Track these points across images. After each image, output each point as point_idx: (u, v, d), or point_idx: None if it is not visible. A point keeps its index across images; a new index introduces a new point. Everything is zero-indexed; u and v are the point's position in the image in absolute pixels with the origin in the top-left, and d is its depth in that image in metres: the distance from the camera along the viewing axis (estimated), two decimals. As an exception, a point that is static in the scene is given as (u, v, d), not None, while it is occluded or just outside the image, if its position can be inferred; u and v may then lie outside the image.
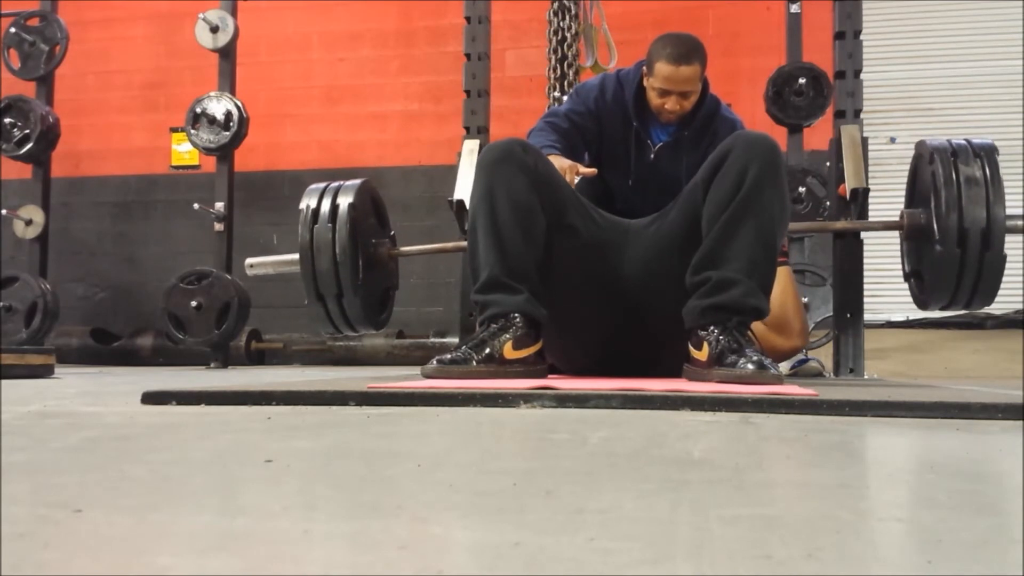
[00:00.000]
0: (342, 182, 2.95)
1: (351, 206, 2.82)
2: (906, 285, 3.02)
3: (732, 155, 1.92)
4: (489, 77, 3.67)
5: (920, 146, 2.78)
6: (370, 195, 2.99)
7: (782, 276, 2.69)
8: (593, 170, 2.45)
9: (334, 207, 2.82)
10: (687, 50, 2.35)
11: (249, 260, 3.20)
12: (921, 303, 2.88)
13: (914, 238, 2.81)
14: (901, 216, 2.83)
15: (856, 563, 0.45)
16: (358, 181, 2.95)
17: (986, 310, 5.26)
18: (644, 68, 2.45)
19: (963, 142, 2.67)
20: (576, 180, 2.40)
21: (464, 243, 2.92)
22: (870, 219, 3.32)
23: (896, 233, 2.98)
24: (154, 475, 0.74)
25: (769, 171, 1.88)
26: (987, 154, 2.62)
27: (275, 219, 6.05)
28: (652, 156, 2.50)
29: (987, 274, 2.58)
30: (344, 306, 2.84)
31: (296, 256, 2.91)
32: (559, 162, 2.45)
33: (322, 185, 2.94)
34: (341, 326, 2.93)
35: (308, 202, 2.88)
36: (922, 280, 2.81)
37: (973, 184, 2.55)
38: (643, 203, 2.36)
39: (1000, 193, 2.56)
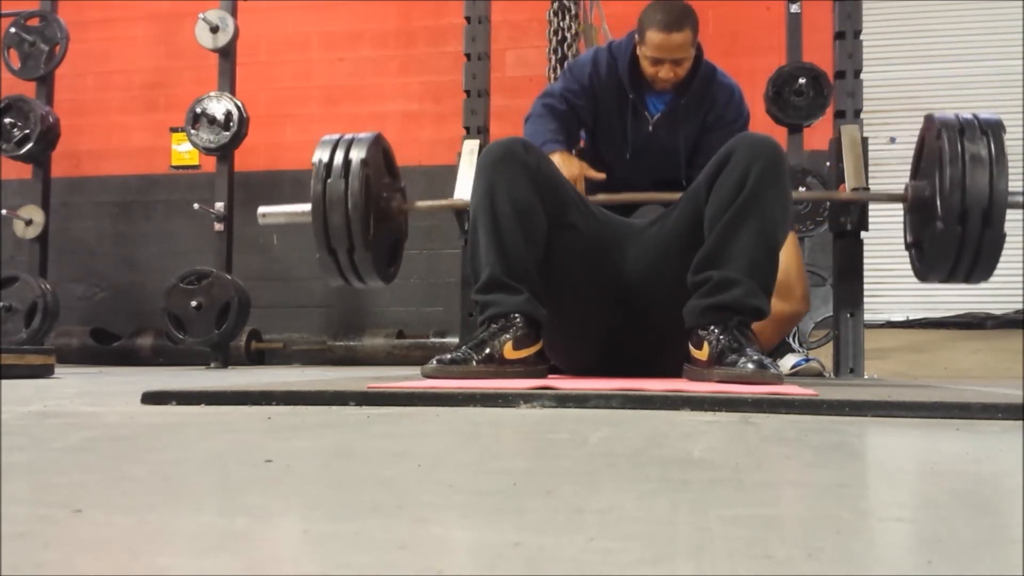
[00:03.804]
0: (354, 134, 2.96)
1: (363, 162, 2.86)
2: (906, 285, 3.03)
3: (735, 156, 1.92)
4: (489, 77, 3.67)
5: (928, 120, 2.81)
6: (382, 149, 3.02)
7: (787, 240, 2.69)
8: (602, 175, 2.44)
9: (347, 161, 2.87)
10: (678, 16, 2.35)
11: (262, 209, 3.24)
12: (920, 275, 2.92)
13: (917, 211, 2.85)
14: (906, 189, 2.86)
15: (856, 563, 0.45)
16: (371, 134, 2.96)
17: (986, 310, 5.28)
18: (636, 37, 2.44)
19: (970, 117, 2.69)
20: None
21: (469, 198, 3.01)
22: (870, 217, 3.31)
23: (897, 234, 2.99)
24: (154, 475, 0.74)
25: (772, 172, 1.88)
26: (993, 131, 2.65)
27: (275, 219, 6.04)
28: (651, 128, 2.49)
29: (986, 251, 2.65)
30: (355, 260, 2.90)
31: (308, 207, 2.94)
32: (568, 168, 2.45)
33: (335, 137, 2.96)
34: (351, 278, 2.98)
35: (320, 156, 2.92)
36: (922, 251, 2.84)
37: (978, 162, 2.59)
38: (640, 174, 2.35)
39: (1004, 170, 2.61)
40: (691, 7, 2.39)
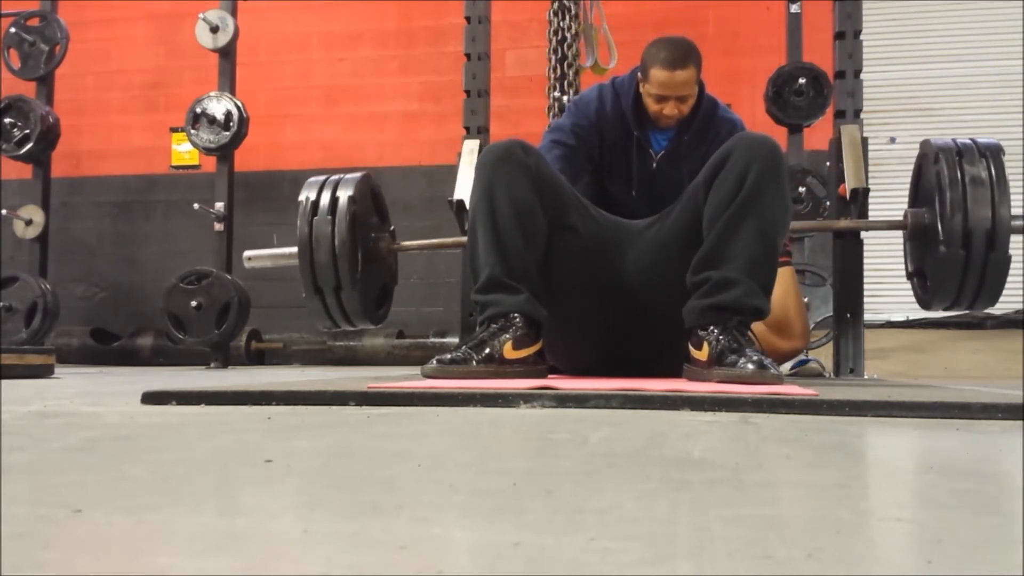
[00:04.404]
0: (342, 175, 2.94)
1: (351, 199, 2.80)
2: (906, 285, 3.02)
3: (733, 156, 1.92)
4: (489, 77, 3.67)
5: (925, 145, 2.78)
6: (370, 189, 2.98)
7: (784, 277, 2.68)
8: None
9: (334, 200, 2.81)
10: (682, 54, 2.34)
11: (247, 253, 3.19)
12: (924, 303, 2.87)
13: (918, 238, 2.81)
14: (905, 216, 2.83)
15: (856, 563, 0.45)
16: (358, 174, 2.94)
17: (986, 310, 5.28)
18: (639, 74, 2.44)
19: (968, 142, 2.66)
20: None
21: (464, 238, 2.89)
22: (871, 219, 3.30)
23: (897, 233, 2.98)
24: (154, 475, 0.74)
25: (770, 172, 1.88)
26: (992, 154, 2.62)
27: (275, 219, 6.05)
28: (654, 165, 2.49)
29: (991, 275, 2.57)
30: (342, 299, 2.81)
31: (295, 249, 2.87)
32: None
33: (322, 178, 2.93)
34: (339, 320, 2.90)
35: (307, 194, 2.87)
36: (925, 280, 2.81)
37: (978, 184, 2.54)
38: (647, 210, 2.35)
39: (1005, 193, 2.56)
40: (694, 44, 2.38)
